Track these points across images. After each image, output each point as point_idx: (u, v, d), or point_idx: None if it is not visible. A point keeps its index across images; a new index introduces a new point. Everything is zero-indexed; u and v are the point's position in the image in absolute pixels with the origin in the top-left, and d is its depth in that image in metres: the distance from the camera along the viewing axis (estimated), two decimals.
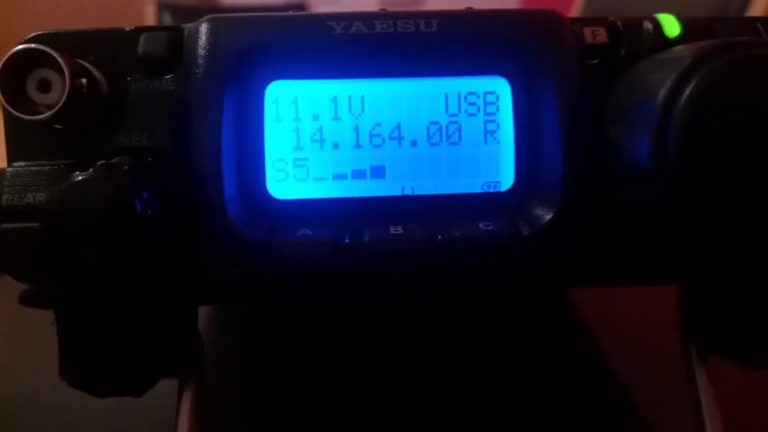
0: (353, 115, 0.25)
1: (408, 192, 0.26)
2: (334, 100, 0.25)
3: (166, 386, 0.27)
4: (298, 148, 0.25)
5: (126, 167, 0.21)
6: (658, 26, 0.25)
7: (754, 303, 0.28)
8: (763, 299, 0.28)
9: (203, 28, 0.24)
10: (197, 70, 0.24)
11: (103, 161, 0.22)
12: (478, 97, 0.25)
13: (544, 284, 0.32)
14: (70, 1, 2.32)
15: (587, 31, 0.25)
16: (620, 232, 0.25)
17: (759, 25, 0.26)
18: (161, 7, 2.00)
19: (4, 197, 0.22)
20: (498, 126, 0.26)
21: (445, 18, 0.24)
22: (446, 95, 0.25)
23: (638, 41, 0.25)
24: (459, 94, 0.25)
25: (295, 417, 0.34)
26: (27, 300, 0.25)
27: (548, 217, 0.24)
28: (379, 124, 0.25)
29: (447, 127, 0.25)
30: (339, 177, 0.25)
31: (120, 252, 0.22)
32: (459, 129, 0.25)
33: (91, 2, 2.34)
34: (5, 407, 0.35)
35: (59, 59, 0.21)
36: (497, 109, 0.25)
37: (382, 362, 0.38)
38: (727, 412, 0.28)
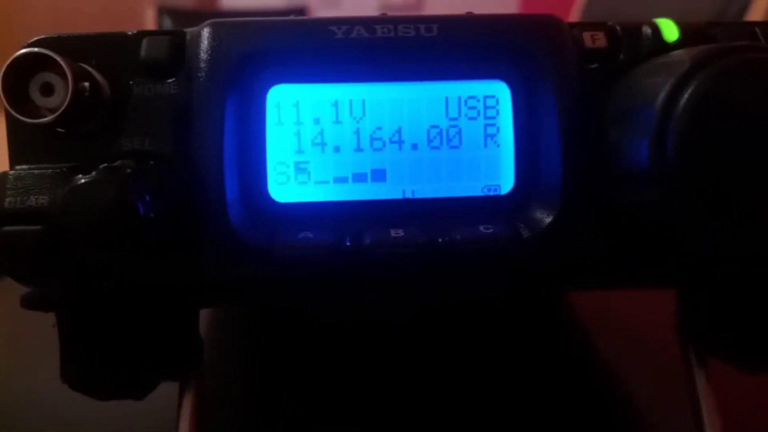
0: (354, 118, 0.25)
1: (409, 195, 0.26)
2: (336, 103, 0.25)
3: (167, 388, 0.27)
4: (299, 151, 0.25)
5: (128, 170, 0.21)
6: (656, 31, 0.25)
7: (753, 306, 0.28)
8: (762, 302, 0.28)
9: (205, 33, 0.24)
10: (199, 74, 0.24)
11: (105, 164, 0.22)
12: (479, 101, 0.26)
13: (543, 286, 0.32)
14: (70, 6, 2.32)
15: (586, 36, 0.25)
16: (619, 235, 0.25)
17: (757, 30, 0.26)
18: (161, 12, 2.01)
19: (7, 200, 0.22)
20: (498, 130, 0.26)
21: (446, 23, 0.25)
22: (447, 99, 0.25)
23: (637, 46, 0.25)
24: (459, 98, 0.25)
25: (295, 417, 0.34)
26: (28, 303, 0.25)
27: (548, 220, 0.24)
28: (379, 128, 0.25)
29: (447, 130, 0.26)
30: (340, 180, 0.25)
31: (121, 253, 0.22)
32: (459, 132, 0.26)
33: (91, 6, 2.35)
34: (6, 409, 0.35)
35: (62, 63, 0.22)
36: (497, 113, 0.26)
37: (382, 363, 0.38)
38: (727, 415, 0.28)
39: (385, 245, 0.24)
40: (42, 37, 0.24)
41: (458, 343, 0.40)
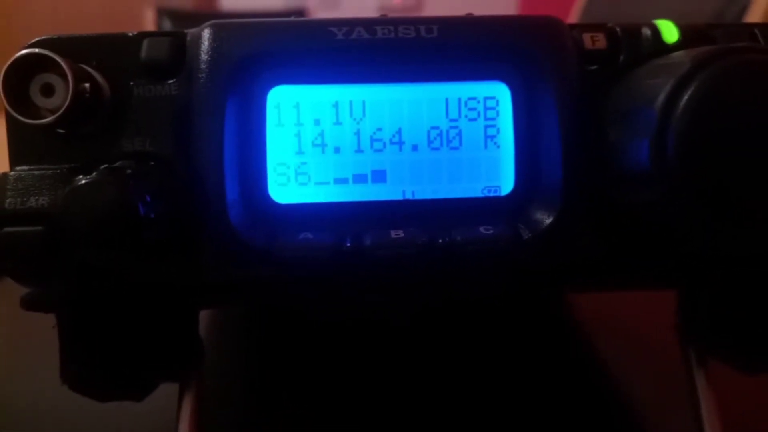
0: (354, 119, 0.25)
1: (409, 196, 0.26)
2: (336, 104, 0.25)
3: (167, 388, 0.27)
4: (299, 152, 0.25)
5: (129, 171, 0.21)
6: (656, 32, 0.25)
7: (753, 306, 0.28)
8: (762, 302, 0.28)
9: (205, 34, 0.24)
10: (200, 75, 0.24)
11: (106, 165, 0.22)
12: (479, 102, 0.26)
13: (544, 286, 0.33)
14: (70, 7, 2.32)
15: (586, 37, 0.25)
16: (620, 235, 0.25)
17: (756, 31, 0.26)
18: (161, 13, 2.00)
19: (7, 201, 0.22)
20: (498, 131, 0.26)
21: (446, 24, 0.25)
22: (447, 100, 0.25)
23: (637, 47, 0.25)
24: (459, 99, 0.26)
25: (295, 417, 0.34)
26: (28, 304, 0.25)
27: (548, 221, 0.24)
28: (380, 129, 0.25)
29: (447, 131, 0.26)
30: (340, 181, 0.26)
31: (121, 254, 0.22)
32: (459, 134, 0.26)
33: (91, 7, 2.35)
34: (6, 409, 0.35)
35: (62, 64, 0.22)
36: (497, 114, 0.26)
37: (382, 363, 0.38)
38: (727, 415, 0.28)
39: (385, 246, 0.24)
40: (42, 37, 0.24)
41: (458, 343, 0.40)
